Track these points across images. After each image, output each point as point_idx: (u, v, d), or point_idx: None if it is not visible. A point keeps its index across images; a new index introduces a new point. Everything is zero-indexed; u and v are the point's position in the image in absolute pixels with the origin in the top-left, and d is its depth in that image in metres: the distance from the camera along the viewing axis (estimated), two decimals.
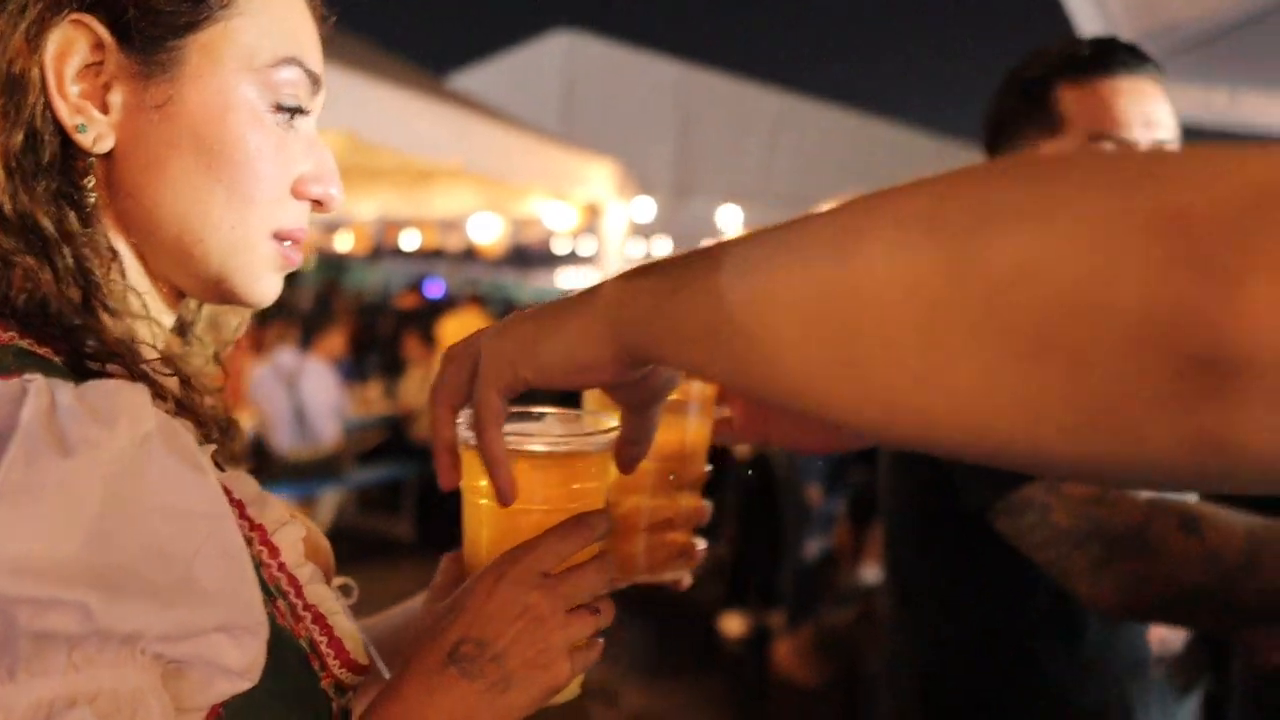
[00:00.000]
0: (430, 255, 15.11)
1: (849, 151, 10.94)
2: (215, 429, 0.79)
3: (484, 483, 0.75)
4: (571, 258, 17.06)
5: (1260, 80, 4.84)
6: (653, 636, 5.81)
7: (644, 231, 11.22)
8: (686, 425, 0.88)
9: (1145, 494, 1.11)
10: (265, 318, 8.64)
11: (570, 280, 22.67)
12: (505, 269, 19.61)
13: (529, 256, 15.55)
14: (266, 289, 0.80)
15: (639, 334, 0.61)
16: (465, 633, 0.72)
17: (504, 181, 6.34)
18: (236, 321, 0.92)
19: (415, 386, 7.36)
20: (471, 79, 12.05)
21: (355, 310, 16.07)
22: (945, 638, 1.37)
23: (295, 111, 0.78)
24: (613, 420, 0.79)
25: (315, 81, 0.80)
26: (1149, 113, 1.30)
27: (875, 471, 5.48)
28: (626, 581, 0.89)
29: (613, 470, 0.80)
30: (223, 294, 0.79)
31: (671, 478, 0.89)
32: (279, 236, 0.78)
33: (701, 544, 0.93)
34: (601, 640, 0.78)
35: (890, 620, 1.46)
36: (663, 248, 13.38)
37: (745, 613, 5.58)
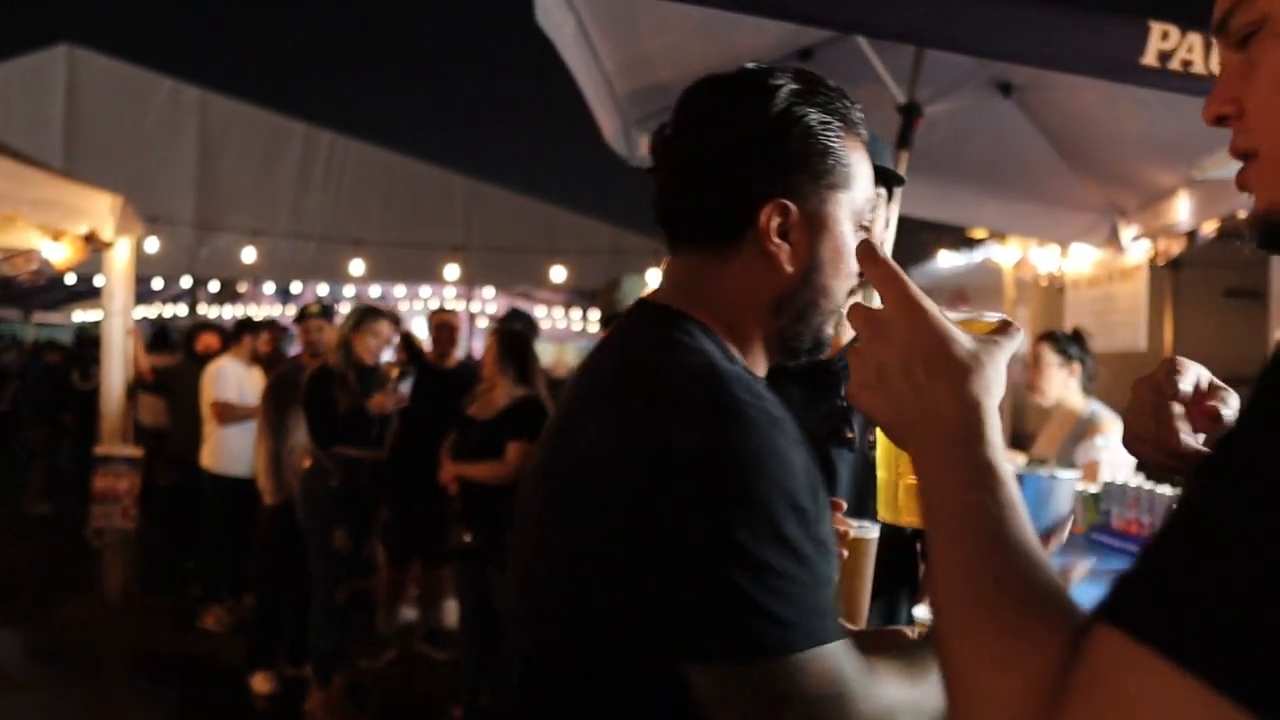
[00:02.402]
0: None
1: (382, 190, 10.91)
2: None
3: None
4: (78, 295, 15.50)
5: None
6: (175, 703, 5.39)
7: (163, 268, 10.47)
8: None
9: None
10: None
11: (83, 316, 20.54)
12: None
13: (23, 292, 13.89)
14: None
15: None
16: None
17: None
18: None
19: None
20: None
21: None
22: None
23: None
24: None
25: None
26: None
27: (406, 509, 5.36)
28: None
29: None
30: None
31: None
32: None
33: None
34: None
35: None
36: (184, 284, 12.55)
37: (273, 668, 5.33)
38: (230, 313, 13.56)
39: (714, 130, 1.21)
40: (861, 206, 1.23)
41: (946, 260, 9.70)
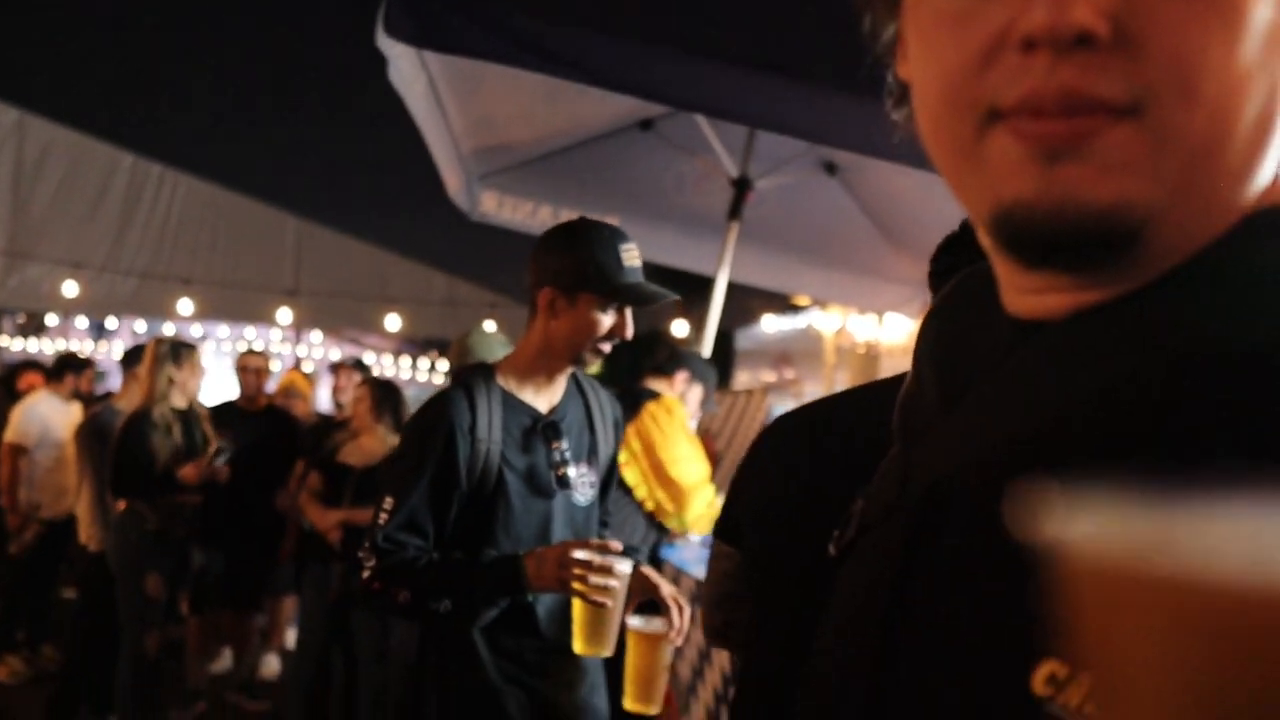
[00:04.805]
0: None
1: (210, 225, 10.61)
2: None
3: None
4: None
5: (575, 200, 5.64)
6: None
7: None
8: None
9: None
10: None
11: None
12: None
13: None
14: None
15: None
16: None
17: None
18: None
19: None
20: None
21: None
22: None
23: None
24: None
25: None
26: None
27: (218, 556, 5.22)
28: None
29: None
30: None
31: None
32: None
33: None
34: None
35: None
36: None
37: None
38: (36, 346, 12.87)
39: None
40: None
41: (771, 324, 10.12)
